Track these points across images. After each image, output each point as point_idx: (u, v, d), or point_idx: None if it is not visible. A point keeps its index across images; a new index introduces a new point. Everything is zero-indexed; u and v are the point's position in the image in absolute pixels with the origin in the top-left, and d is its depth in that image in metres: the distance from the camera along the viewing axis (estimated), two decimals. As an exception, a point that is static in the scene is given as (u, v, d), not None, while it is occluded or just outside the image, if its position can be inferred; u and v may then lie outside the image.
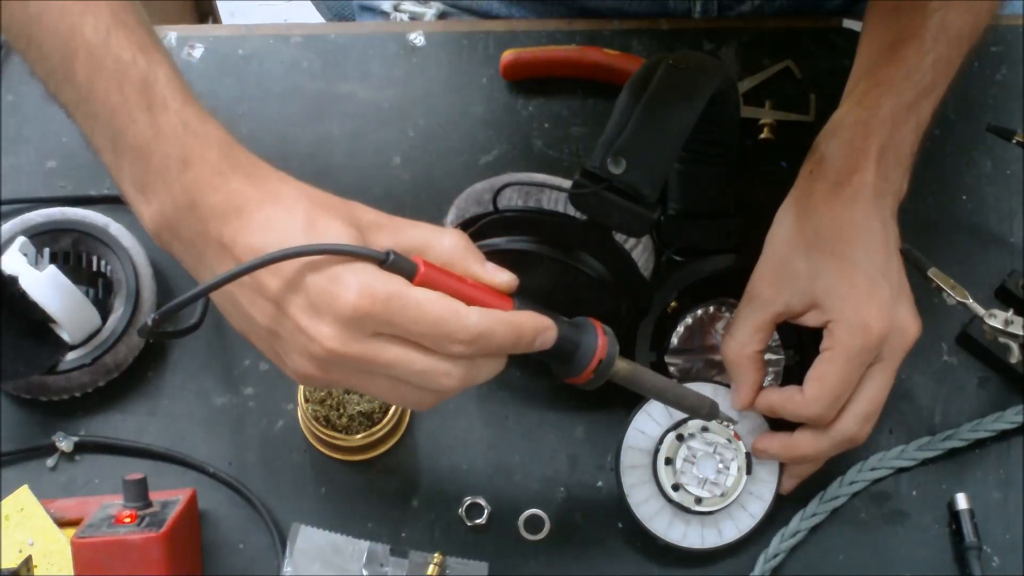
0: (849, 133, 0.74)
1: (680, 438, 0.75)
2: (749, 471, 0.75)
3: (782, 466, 0.76)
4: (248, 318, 0.60)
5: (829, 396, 0.70)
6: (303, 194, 0.60)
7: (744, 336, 0.73)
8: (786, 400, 0.72)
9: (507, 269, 0.62)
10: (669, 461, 0.75)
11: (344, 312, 0.56)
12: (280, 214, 0.58)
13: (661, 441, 0.75)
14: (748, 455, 0.75)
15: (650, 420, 0.76)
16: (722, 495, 0.75)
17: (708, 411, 0.70)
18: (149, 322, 0.60)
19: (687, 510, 0.75)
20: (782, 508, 0.77)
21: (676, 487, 0.75)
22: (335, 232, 0.57)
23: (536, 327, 0.61)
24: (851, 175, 0.72)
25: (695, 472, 0.75)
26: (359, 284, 0.56)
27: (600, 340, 0.64)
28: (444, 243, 0.60)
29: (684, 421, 0.75)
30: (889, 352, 0.71)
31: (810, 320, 0.72)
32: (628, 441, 0.76)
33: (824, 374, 0.70)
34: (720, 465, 0.75)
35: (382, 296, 0.56)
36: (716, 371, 0.80)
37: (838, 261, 0.71)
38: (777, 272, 0.73)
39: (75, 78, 0.61)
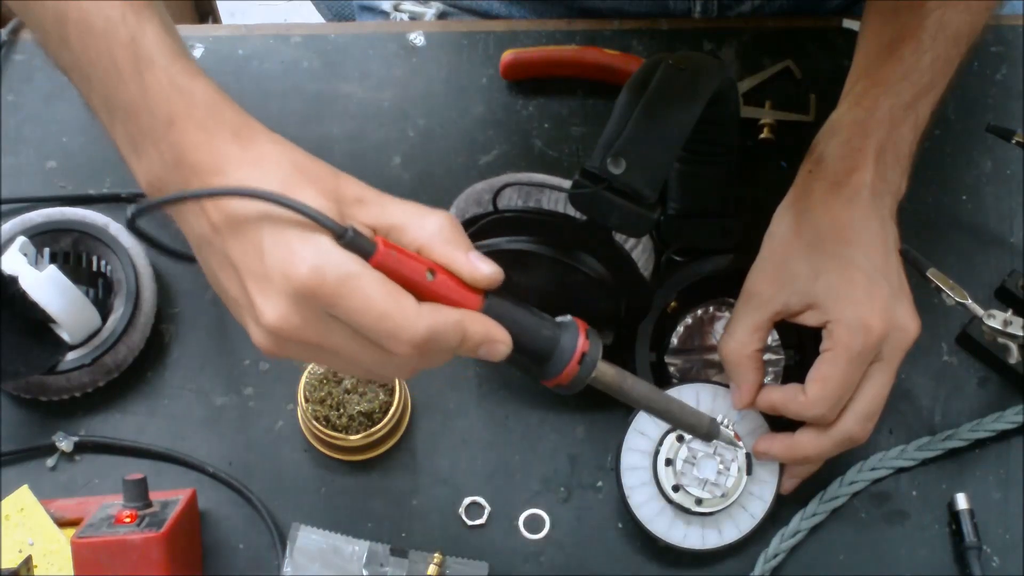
0: (847, 133, 0.74)
1: (680, 439, 0.75)
2: (749, 472, 0.75)
3: (782, 466, 0.76)
4: (219, 284, 0.59)
5: (831, 397, 0.70)
6: (288, 159, 0.58)
7: (743, 336, 0.73)
8: (788, 400, 0.72)
9: (506, 270, 0.62)
10: (669, 462, 0.75)
11: (291, 287, 0.54)
12: (256, 176, 0.56)
13: (661, 442, 0.75)
14: (748, 456, 0.75)
15: (650, 421, 0.76)
16: (722, 496, 0.75)
17: (707, 430, 0.67)
18: (129, 214, 0.59)
19: (688, 511, 0.75)
20: (782, 508, 0.77)
21: (676, 488, 0.75)
22: (308, 201, 0.55)
23: (484, 337, 0.58)
24: (849, 175, 0.72)
25: (695, 473, 0.75)
26: (312, 260, 0.54)
27: (581, 341, 0.61)
28: (426, 225, 0.58)
29: None
30: (889, 351, 0.71)
31: (808, 320, 0.71)
32: (628, 443, 0.76)
33: (826, 375, 0.70)
34: (720, 466, 0.75)
35: (332, 278, 0.54)
36: (715, 371, 0.80)
37: (837, 261, 0.71)
38: (776, 271, 0.73)
39: (68, 40, 0.60)
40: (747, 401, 0.74)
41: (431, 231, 0.58)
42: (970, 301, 0.74)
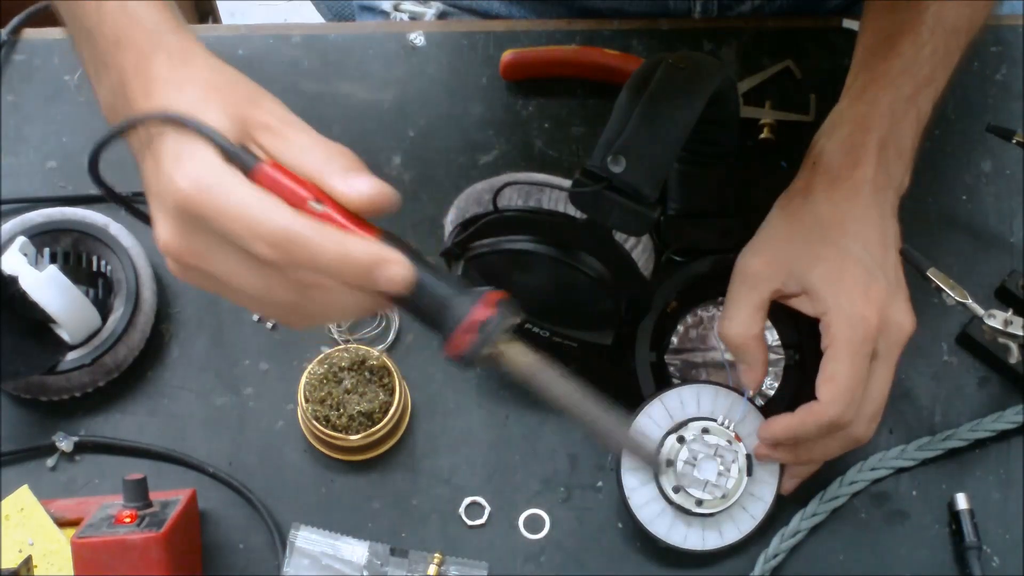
0: (849, 128, 0.74)
1: (681, 440, 0.75)
2: (750, 472, 0.75)
3: (782, 467, 0.76)
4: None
5: (845, 393, 0.69)
6: (206, 80, 0.56)
7: (746, 318, 0.72)
8: (805, 417, 0.70)
9: (506, 270, 0.61)
10: (670, 463, 0.75)
11: (174, 202, 0.53)
12: (174, 98, 0.55)
13: (662, 444, 0.75)
14: (748, 456, 0.75)
15: (651, 422, 0.76)
16: (723, 497, 0.74)
17: (626, 444, 0.60)
18: (88, 159, 0.58)
19: (688, 512, 0.75)
20: (782, 508, 0.77)
21: (677, 489, 0.74)
22: (211, 120, 0.54)
23: (372, 257, 0.52)
24: (852, 170, 0.72)
25: (696, 474, 0.75)
26: (193, 174, 0.53)
27: (480, 308, 0.53)
28: (318, 152, 0.55)
29: (684, 423, 0.75)
30: (886, 348, 0.70)
31: (802, 305, 0.71)
32: None
33: (833, 372, 0.69)
34: (721, 467, 0.75)
35: (205, 185, 0.52)
36: (715, 371, 0.80)
37: (836, 251, 0.70)
38: (773, 253, 0.72)
39: None
40: (759, 380, 0.73)
41: (322, 158, 0.55)
42: (970, 301, 0.74)
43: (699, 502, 0.74)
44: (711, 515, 0.75)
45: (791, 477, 0.76)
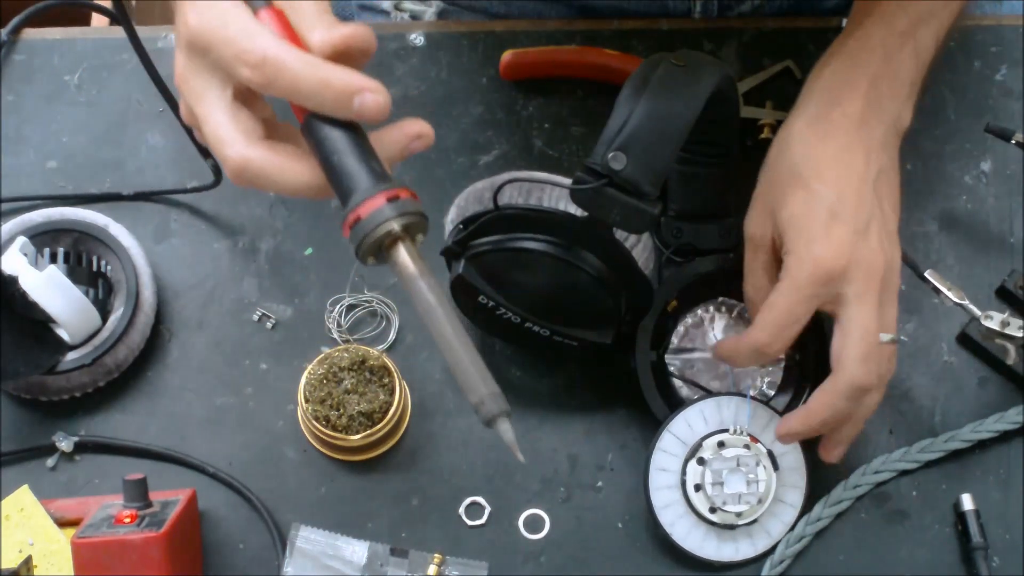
0: (836, 65, 0.74)
1: (701, 462, 0.75)
2: (776, 467, 0.75)
3: (804, 453, 0.76)
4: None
5: (773, 322, 0.69)
6: None
7: (758, 280, 0.73)
8: (741, 336, 0.71)
9: (507, 268, 0.61)
10: (699, 487, 0.75)
11: (185, 37, 0.55)
12: None
13: (684, 472, 0.75)
14: (770, 452, 0.75)
15: (667, 455, 0.76)
16: (759, 501, 0.75)
17: (479, 400, 0.54)
18: None
19: (732, 527, 0.75)
20: (783, 509, 0.78)
21: (713, 510, 0.75)
22: None
23: (352, 84, 0.53)
24: (832, 108, 0.72)
25: (726, 490, 0.74)
26: (204, 9, 0.54)
27: (374, 199, 0.52)
28: (319, 20, 0.56)
29: (699, 444, 0.75)
30: (856, 289, 0.69)
31: (782, 254, 0.71)
32: (653, 483, 0.76)
33: (771, 301, 0.69)
34: (749, 475, 0.75)
35: (208, 18, 0.54)
36: (715, 371, 0.79)
37: (804, 196, 0.70)
38: (762, 208, 0.73)
39: None
40: (761, 341, 0.72)
41: (318, 20, 0.56)
42: (967, 302, 0.74)
43: (738, 514, 0.75)
44: (755, 521, 0.75)
45: (837, 443, 0.74)
